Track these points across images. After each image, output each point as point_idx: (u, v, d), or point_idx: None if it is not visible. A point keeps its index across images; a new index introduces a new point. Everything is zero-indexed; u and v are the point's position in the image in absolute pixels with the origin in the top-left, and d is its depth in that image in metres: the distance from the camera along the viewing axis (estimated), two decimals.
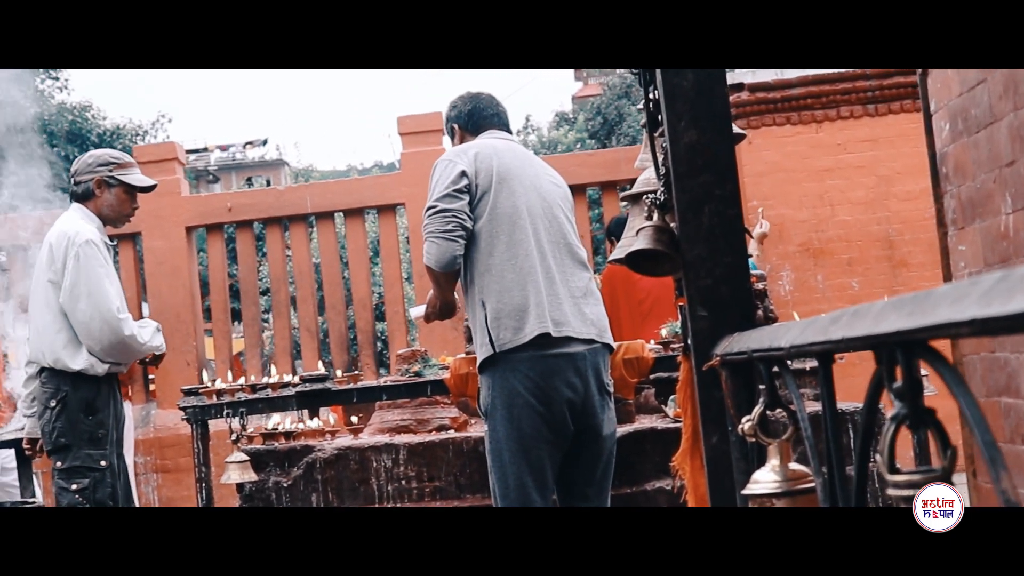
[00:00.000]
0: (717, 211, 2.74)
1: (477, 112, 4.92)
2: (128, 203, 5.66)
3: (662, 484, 5.49)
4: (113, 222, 5.66)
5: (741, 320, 2.70)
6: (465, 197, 4.49)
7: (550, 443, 4.46)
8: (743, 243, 2.76)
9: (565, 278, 4.56)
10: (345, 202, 10.23)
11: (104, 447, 5.34)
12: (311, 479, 5.57)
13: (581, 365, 4.47)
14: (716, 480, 2.80)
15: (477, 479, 5.47)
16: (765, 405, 2.24)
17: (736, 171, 2.81)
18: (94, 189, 5.59)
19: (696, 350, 2.75)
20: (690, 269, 2.74)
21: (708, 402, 2.77)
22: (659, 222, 2.87)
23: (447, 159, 4.61)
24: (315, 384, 5.27)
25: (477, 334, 4.51)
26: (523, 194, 4.59)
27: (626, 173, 9.82)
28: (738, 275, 2.75)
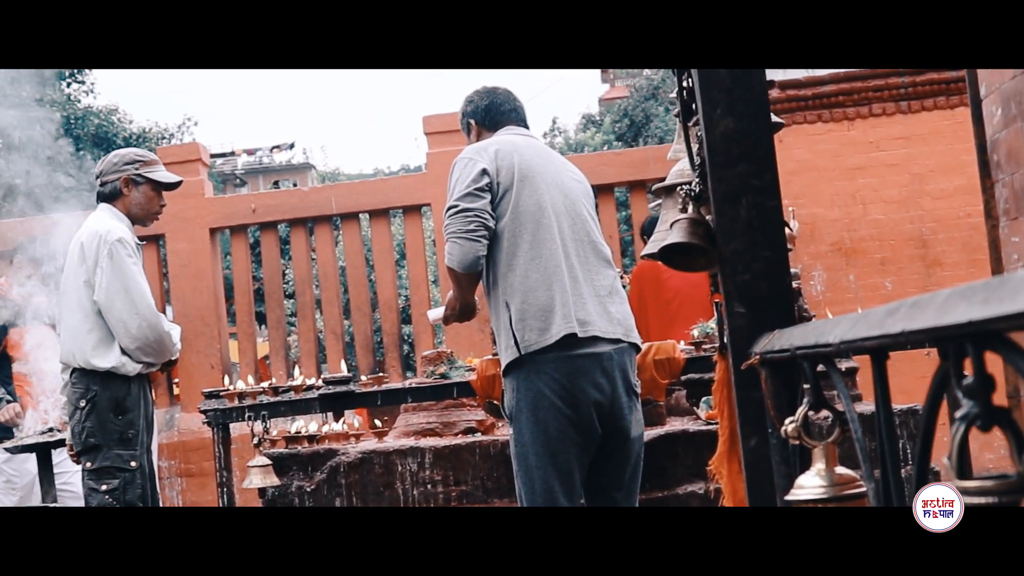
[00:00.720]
0: (755, 203, 2.61)
1: (495, 107, 4.79)
2: (156, 200, 5.64)
3: (694, 488, 5.37)
4: (142, 221, 5.65)
5: (781, 317, 2.58)
6: (487, 196, 4.38)
7: (578, 446, 4.35)
8: (782, 236, 2.64)
9: (590, 276, 4.45)
10: (370, 203, 10.11)
11: (134, 447, 5.28)
12: (335, 483, 5.46)
13: (608, 365, 4.36)
14: (755, 484, 2.67)
15: (504, 483, 5.35)
16: (809, 405, 2.11)
17: (775, 160, 2.68)
18: (121, 188, 5.55)
19: (733, 349, 2.62)
20: (727, 264, 2.61)
21: (746, 403, 2.64)
22: (694, 214, 2.74)
23: (467, 157, 4.49)
24: (339, 386, 5.15)
25: (501, 336, 4.39)
26: (546, 191, 4.48)
27: (654, 172, 9.67)
28: (777, 270, 2.62)
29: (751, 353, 2.51)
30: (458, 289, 4.53)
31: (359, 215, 10.30)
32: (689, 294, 7.57)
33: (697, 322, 5.90)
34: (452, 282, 4.52)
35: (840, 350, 1.79)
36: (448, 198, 4.43)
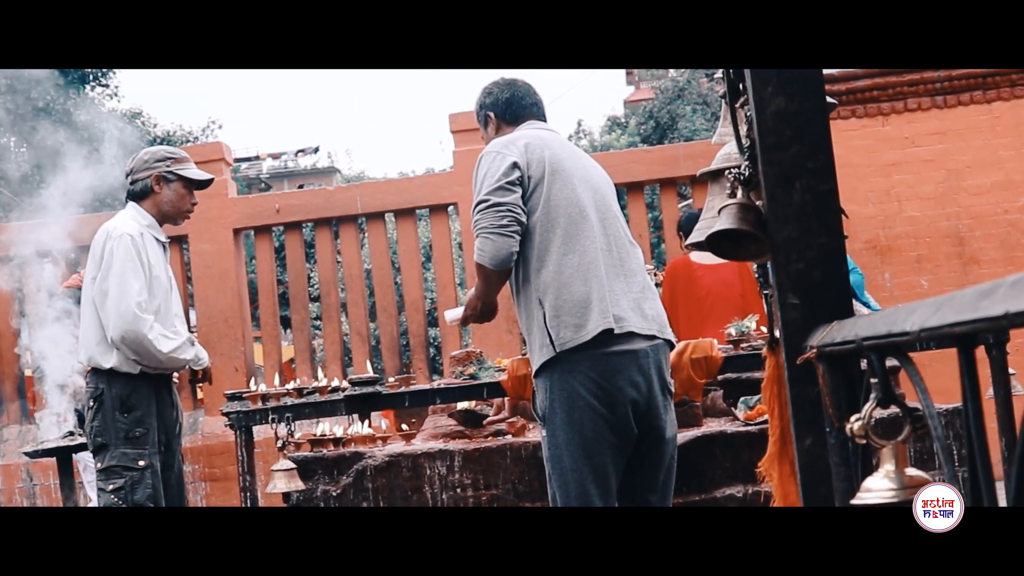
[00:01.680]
0: (809, 186, 2.45)
1: (516, 101, 4.62)
2: (187, 199, 5.57)
3: (733, 491, 5.20)
4: (173, 219, 5.59)
5: (838, 308, 2.41)
6: (518, 190, 4.22)
7: (614, 447, 4.19)
8: (838, 222, 2.47)
9: (623, 272, 4.30)
10: (396, 202, 9.96)
11: (142, 447, 5.16)
12: (361, 487, 5.30)
13: (644, 363, 4.21)
14: (810, 487, 2.50)
15: (536, 487, 5.18)
16: (878, 401, 1.95)
17: (830, 141, 2.51)
18: (152, 186, 5.49)
19: (787, 342, 2.45)
20: (779, 252, 2.44)
21: (801, 401, 2.47)
22: (744, 199, 2.57)
23: (495, 151, 4.33)
24: (365, 387, 4.98)
25: (534, 335, 4.22)
26: (578, 185, 4.33)
27: (684, 170, 9.52)
28: (833, 258, 2.45)
29: (806, 347, 2.35)
30: (485, 287, 4.37)
31: (384, 215, 10.16)
32: (722, 293, 7.44)
33: (731, 321, 5.73)
34: (480, 280, 4.36)
35: (920, 339, 1.63)
36: (476, 193, 4.28)
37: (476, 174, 4.34)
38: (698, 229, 2.94)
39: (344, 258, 10.20)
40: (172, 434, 5.35)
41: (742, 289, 7.49)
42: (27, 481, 9.66)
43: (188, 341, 5.30)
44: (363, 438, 5.65)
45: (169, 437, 5.33)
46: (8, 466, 9.68)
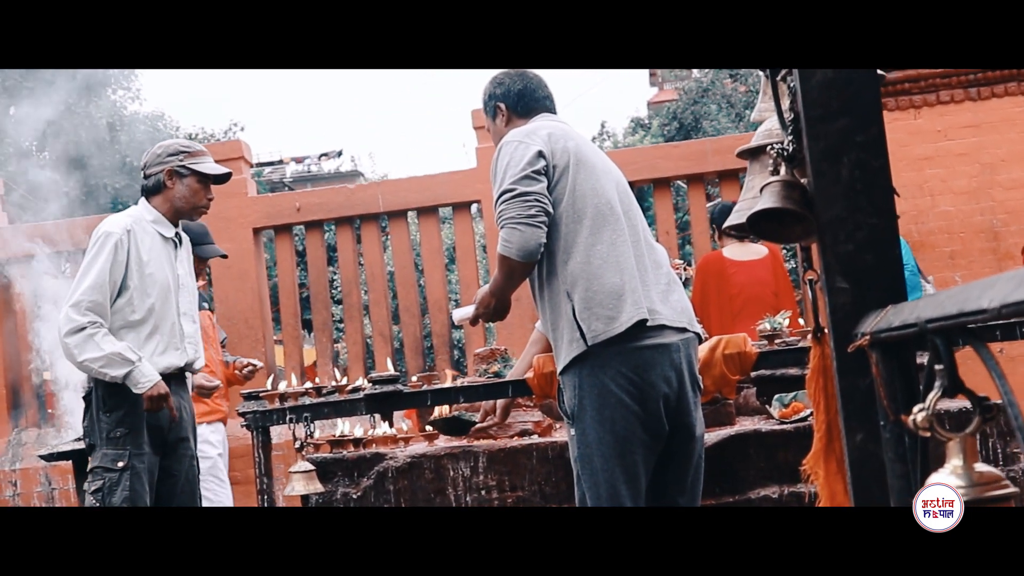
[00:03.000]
0: (858, 161, 2.28)
1: (528, 92, 4.46)
2: (202, 193, 5.39)
3: (768, 492, 5.01)
4: (188, 215, 5.43)
5: (890, 292, 2.24)
6: (543, 180, 4.05)
7: (645, 446, 4.03)
8: (891, 200, 2.29)
9: (651, 264, 4.16)
10: (418, 200, 9.78)
11: (123, 447, 5.00)
12: (382, 490, 5.13)
13: (676, 357, 4.05)
14: (862, 486, 2.32)
15: (564, 488, 5.00)
16: (943, 390, 1.77)
17: (880, 113, 2.34)
18: (165, 180, 5.33)
19: (835, 330, 2.28)
20: (826, 232, 2.27)
21: (851, 392, 2.29)
22: (787, 176, 2.39)
23: (517, 140, 4.16)
24: (385, 386, 4.81)
25: (563, 330, 4.05)
26: (601, 176, 4.18)
27: (713, 165, 9.34)
28: (885, 239, 2.27)
29: (857, 334, 2.18)
30: (505, 282, 4.19)
31: (407, 213, 9.99)
32: (755, 292, 7.32)
33: (763, 317, 5.55)
34: (500, 274, 4.17)
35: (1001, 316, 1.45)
36: (498, 183, 4.11)
37: (496, 164, 4.17)
38: (737, 211, 2.76)
39: (366, 258, 10.04)
40: (174, 436, 5.20)
41: (775, 287, 7.35)
42: (45, 484, 9.54)
43: (122, 359, 5.01)
44: (384, 439, 5.48)
45: (169, 439, 5.18)
46: (27, 470, 9.57)
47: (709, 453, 4.85)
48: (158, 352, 5.19)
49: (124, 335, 5.13)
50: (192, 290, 5.53)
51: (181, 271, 5.41)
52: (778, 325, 5.25)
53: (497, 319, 4.36)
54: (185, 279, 5.44)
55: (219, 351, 7.35)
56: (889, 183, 2.29)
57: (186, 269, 5.49)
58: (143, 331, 5.17)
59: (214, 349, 7.21)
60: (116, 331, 5.12)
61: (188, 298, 5.43)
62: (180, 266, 5.41)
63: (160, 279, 5.22)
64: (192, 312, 5.47)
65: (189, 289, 5.47)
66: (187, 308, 5.41)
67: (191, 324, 5.41)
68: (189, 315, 5.43)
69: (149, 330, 5.18)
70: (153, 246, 5.24)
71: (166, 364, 5.18)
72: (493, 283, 4.24)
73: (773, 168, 2.43)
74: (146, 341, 5.17)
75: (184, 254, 5.49)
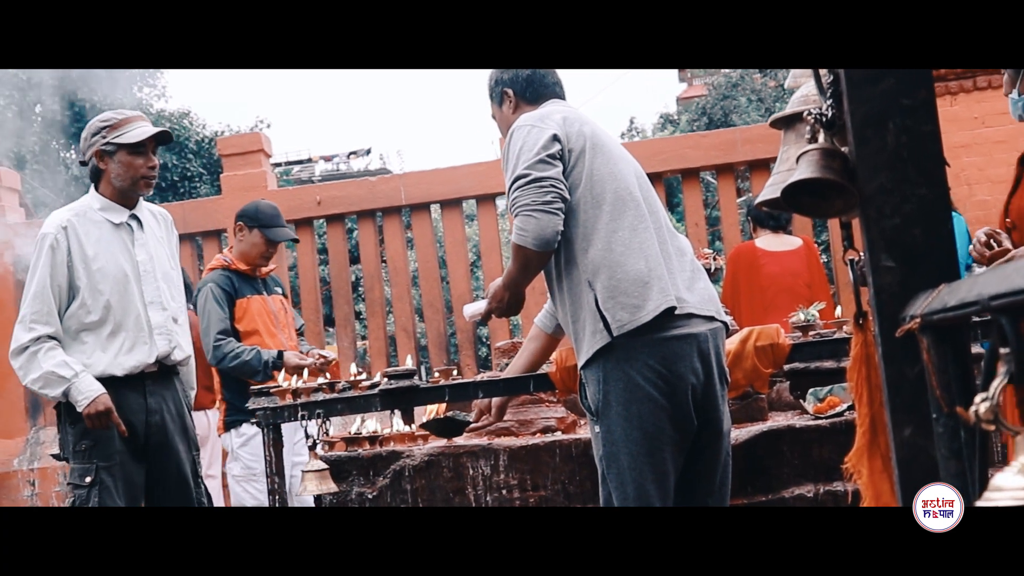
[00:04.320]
0: (905, 127, 2.06)
1: (537, 78, 4.26)
2: (137, 164, 4.92)
3: (802, 490, 4.79)
4: (133, 191, 4.98)
5: (941, 270, 2.02)
6: (559, 164, 3.87)
7: (674, 443, 3.83)
8: (941, 170, 2.07)
9: (675, 250, 3.97)
10: (441, 192, 9.56)
11: (88, 461, 4.73)
12: (399, 489, 4.92)
13: (705, 347, 3.85)
14: (910, 484, 2.10)
15: (588, 487, 4.79)
16: (1009, 377, 1.55)
17: (930, 74, 2.11)
18: (98, 165, 4.94)
19: (880, 313, 2.06)
20: (870, 205, 2.06)
21: (898, 383, 2.08)
22: (827, 144, 2.17)
23: (530, 124, 3.97)
24: (401, 381, 4.60)
25: (584, 322, 3.84)
26: (619, 160, 4.00)
27: (743, 155, 9.11)
28: (935, 212, 2.06)
29: (905, 317, 1.96)
30: (520, 274, 3.99)
31: (430, 206, 9.78)
32: (787, 283, 7.12)
33: (795, 309, 5.34)
34: (515, 265, 3.97)
35: None
36: (511, 168, 3.92)
37: (508, 149, 3.98)
38: (771, 185, 2.52)
39: (388, 251, 9.84)
40: (156, 440, 4.89)
41: (808, 279, 7.17)
42: (63, 484, 9.39)
43: (57, 377, 4.74)
44: (401, 436, 5.27)
45: (151, 443, 4.88)
46: (45, 469, 9.42)
47: (740, 450, 4.66)
48: (124, 351, 4.86)
49: (85, 339, 4.84)
50: (169, 274, 5.11)
51: (142, 256, 5.00)
52: (812, 316, 5.04)
53: (511, 314, 4.17)
54: (149, 264, 5.00)
55: (293, 338, 7.06)
56: (939, 150, 2.07)
57: (152, 253, 5.05)
58: (103, 331, 4.85)
59: (286, 335, 6.90)
60: (76, 336, 4.83)
61: (155, 285, 4.99)
62: (141, 251, 5.00)
63: (112, 271, 4.87)
64: (162, 300, 5.01)
65: (160, 274, 5.03)
66: (154, 296, 4.98)
67: (160, 313, 4.98)
68: (158, 303, 4.99)
69: (110, 329, 4.85)
70: (102, 237, 4.90)
71: (135, 363, 4.86)
72: (507, 275, 4.05)
73: (811, 136, 2.21)
74: (109, 342, 4.85)
75: (151, 236, 5.07)
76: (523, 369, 4.54)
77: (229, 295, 6.66)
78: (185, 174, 22.21)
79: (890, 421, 2.10)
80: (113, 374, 4.81)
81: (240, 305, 6.67)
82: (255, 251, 6.78)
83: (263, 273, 6.92)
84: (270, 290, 6.95)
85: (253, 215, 6.83)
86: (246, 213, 6.87)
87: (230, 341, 6.50)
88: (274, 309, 6.84)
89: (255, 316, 6.69)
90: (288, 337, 6.91)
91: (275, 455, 4.70)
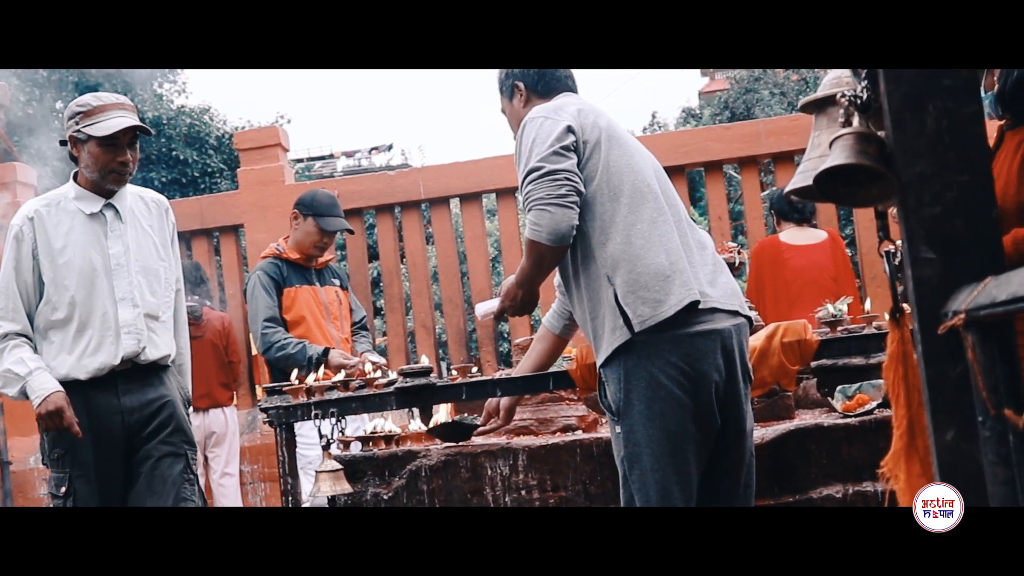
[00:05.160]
0: (946, 109, 1.93)
1: (549, 72, 4.14)
2: (106, 156, 4.61)
3: (831, 491, 4.66)
4: (102, 183, 4.67)
5: (985, 262, 1.89)
6: (573, 156, 3.75)
7: (697, 443, 3.70)
8: (985, 155, 1.94)
9: (696, 243, 3.85)
10: (461, 187, 9.42)
11: (62, 469, 4.50)
12: (415, 490, 4.80)
13: (729, 344, 3.72)
14: None
15: (609, 487, 4.66)
16: None
17: None
18: (72, 151, 4.69)
19: (920, 308, 1.92)
20: (909, 193, 1.92)
21: (939, 383, 1.94)
22: (862, 128, 2.03)
23: (543, 115, 3.85)
24: (417, 379, 4.48)
25: (603, 319, 3.72)
26: (635, 153, 3.88)
27: (768, 147, 8.94)
28: (979, 200, 1.93)
29: (947, 312, 1.83)
30: (534, 271, 3.87)
31: (449, 200, 9.65)
32: (812, 277, 7.02)
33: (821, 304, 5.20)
34: (529, 262, 3.85)
35: None
36: (523, 162, 3.80)
37: (521, 142, 3.86)
38: (801, 172, 2.39)
39: (407, 246, 9.71)
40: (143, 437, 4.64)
41: (834, 272, 7.06)
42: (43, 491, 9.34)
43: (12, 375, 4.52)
44: (418, 435, 5.15)
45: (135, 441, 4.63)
46: None
47: (767, 450, 4.54)
48: (90, 351, 4.59)
49: (52, 338, 4.60)
50: (150, 267, 4.77)
51: (116, 248, 4.68)
52: (839, 311, 4.90)
53: (525, 312, 4.05)
54: (123, 257, 4.68)
55: (346, 330, 6.90)
56: (982, 134, 1.94)
57: (130, 244, 4.73)
58: (70, 330, 4.59)
59: (337, 327, 6.76)
60: (45, 335, 4.61)
61: (128, 280, 4.66)
62: (116, 243, 4.69)
63: (79, 265, 4.59)
64: (134, 296, 4.68)
65: (137, 268, 4.70)
66: (126, 292, 4.65)
67: (131, 310, 4.65)
68: (129, 299, 4.66)
69: (76, 327, 4.59)
70: (73, 228, 4.62)
71: (99, 365, 4.58)
72: (520, 272, 3.93)
73: (844, 120, 2.07)
74: (75, 341, 4.59)
75: (132, 226, 4.75)
76: (530, 371, 4.43)
77: (276, 283, 6.55)
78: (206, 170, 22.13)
79: (931, 424, 1.97)
80: (77, 378, 4.56)
81: (288, 294, 6.57)
82: (309, 240, 6.67)
83: (319, 264, 6.80)
84: (325, 281, 6.83)
85: (308, 203, 6.72)
86: (302, 201, 6.77)
87: (278, 331, 6.39)
88: (325, 300, 6.71)
89: (303, 306, 6.58)
90: (340, 330, 6.77)
91: (288, 455, 4.59)
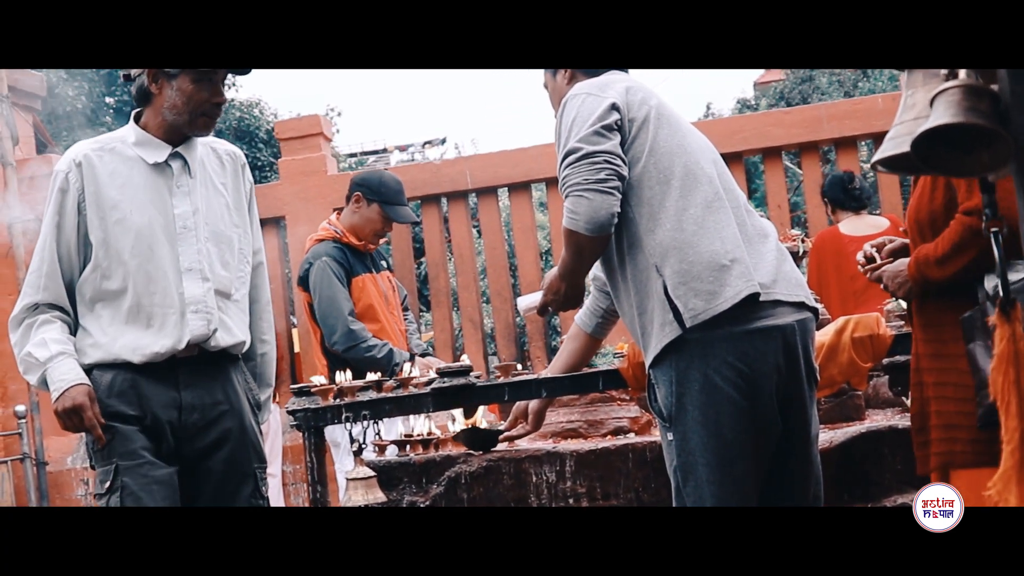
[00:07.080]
0: None
1: None
2: (199, 96, 3.77)
3: (906, 499, 4.30)
4: (185, 127, 3.82)
5: None
6: (616, 136, 3.42)
7: (756, 450, 3.37)
8: None
9: (756, 232, 3.50)
10: (509, 175, 9.09)
11: (107, 461, 3.71)
12: (454, 498, 4.48)
13: (791, 340, 3.38)
14: None
15: (664, 495, 4.33)
16: None
17: None
18: (148, 87, 3.80)
19: None
20: None
21: None
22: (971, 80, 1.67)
23: (586, 92, 3.51)
24: (456, 379, 4.16)
25: (652, 313, 3.39)
26: (688, 133, 3.55)
27: (829, 132, 8.57)
28: None
29: None
30: (575, 262, 3.55)
31: (497, 190, 9.34)
32: None
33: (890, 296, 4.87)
34: (569, 253, 3.52)
35: None
36: (562, 142, 3.47)
37: (561, 121, 3.53)
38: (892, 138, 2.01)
39: (453, 238, 9.42)
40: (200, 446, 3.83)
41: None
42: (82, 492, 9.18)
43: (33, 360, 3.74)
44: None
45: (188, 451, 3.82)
46: None
47: (835, 454, 4.25)
48: (146, 331, 3.77)
49: (101, 312, 3.81)
50: (223, 234, 3.94)
51: (183, 208, 3.85)
52: None
53: (569, 307, 3.73)
54: (191, 220, 3.85)
55: (400, 318, 6.53)
56: None
57: (200, 205, 3.89)
58: (122, 304, 3.77)
59: (395, 317, 6.42)
60: (92, 307, 3.82)
61: (196, 247, 3.84)
62: (183, 201, 3.86)
63: (137, 225, 3.77)
64: (203, 267, 3.86)
65: (207, 234, 3.89)
66: (193, 261, 3.83)
67: (200, 284, 3.83)
68: (197, 271, 3.84)
69: (130, 300, 3.76)
70: (131, 179, 3.81)
71: (160, 347, 3.75)
72: (561, 264, 3.60)
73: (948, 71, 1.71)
74: (128, 320, 3.77)
75: (203, 183, 3.93)
76: (560, 372, 4.13)
77: (346, 271, 6.18)
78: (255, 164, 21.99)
79: None
80: (128, 360, 3.76)
81: (356, 284, 6.20)
82: (369, 227, 6.28)
83: (371, 248, 6.42)
84: (378, 266, 6.49)
85: (376, 187, 6.31)
86: (367, 183, 6.36)
87: (364, 328, 6.02)
88: (384, 288, 6.39)
89: (371, 297, 6.23)
90: (397, 320, 6.44)
91: (316, 461, 4.28)
